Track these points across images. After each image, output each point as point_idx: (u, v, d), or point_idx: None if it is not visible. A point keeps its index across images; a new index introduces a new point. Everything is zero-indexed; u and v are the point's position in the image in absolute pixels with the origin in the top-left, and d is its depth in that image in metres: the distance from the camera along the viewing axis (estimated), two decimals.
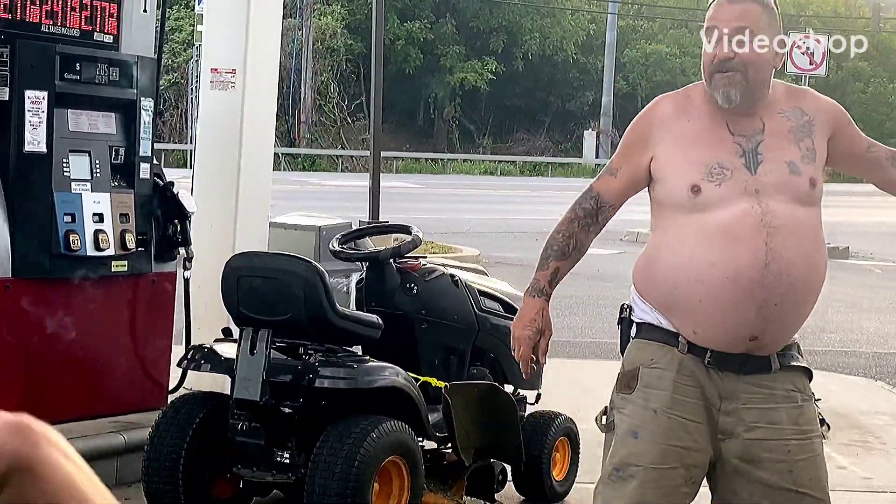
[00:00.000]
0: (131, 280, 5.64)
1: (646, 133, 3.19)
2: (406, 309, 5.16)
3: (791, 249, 3.02)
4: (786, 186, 3.06)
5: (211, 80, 6.32)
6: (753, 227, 3.01)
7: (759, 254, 3.00)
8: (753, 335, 3.05)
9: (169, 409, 4.82)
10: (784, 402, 3.11)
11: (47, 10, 5.44)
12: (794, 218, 3.04)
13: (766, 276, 3.00)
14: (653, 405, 3.09)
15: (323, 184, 31.19)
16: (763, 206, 3.03)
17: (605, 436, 3.24)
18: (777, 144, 3.10)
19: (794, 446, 3.10)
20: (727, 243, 3.02)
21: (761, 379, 3.10)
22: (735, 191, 3.04)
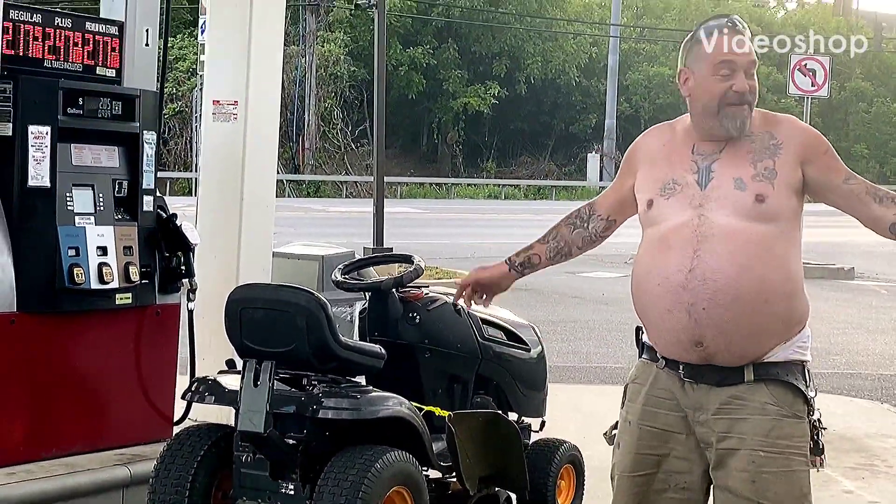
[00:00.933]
0: (135, 312, 5.66)
1: (633, 158, 3.52)
2: (409, 338, 5.17)
3: (720, 257, 3.16)
4: (727, 200, 3.22)
5: (213, 112, 6.35)
6: (686, 236, 3.21)
7: (685, 259, 3.19)
8: (697, 341, 3.21)
9: (174, 442, 4.83)
10: (756, 414, 3.23)
11: (50, 45, 5.48)
12: (729, 228, 3.18)
13: (690, 280, 3.17)
14: (629, 417, 3.39)
15: (328, 210, 31.26)
16: (701, 219, 3.22)
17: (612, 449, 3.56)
18: (730, 163, 3.26)
19: (759, 458, 3.20)
20: (662, 252, 3.25)
21: (734, 390, 3.25)
22: (681, 204, 3.27)
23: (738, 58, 3.24)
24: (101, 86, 5.61)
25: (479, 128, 48.20)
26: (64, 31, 5.53)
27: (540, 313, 12.85)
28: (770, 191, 3.22)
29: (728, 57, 3.23)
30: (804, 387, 3.28)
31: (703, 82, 3.26)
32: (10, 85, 5.22)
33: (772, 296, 3.19)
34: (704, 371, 3.26)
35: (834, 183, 3.32)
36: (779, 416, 3.22)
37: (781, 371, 3.25)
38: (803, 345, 3.32)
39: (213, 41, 6.53)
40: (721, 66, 3.23)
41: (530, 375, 5.56)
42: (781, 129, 3.32)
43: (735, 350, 3.22)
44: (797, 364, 3.30)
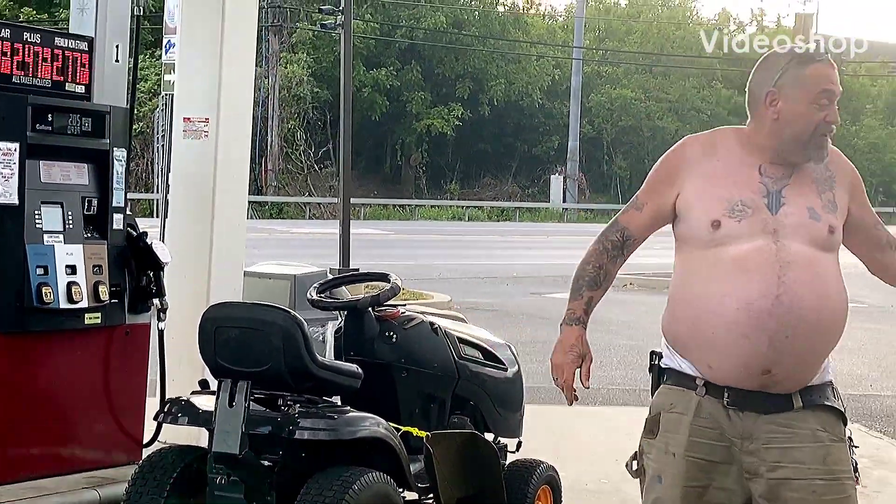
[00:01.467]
0: (105, 332, 5.57)
1: (674, 170, 3.31)
2: (385, 358, 5.11)
3: (803, 285, 3.11)
4: (804, 229, 3.18)
5: (184, 129, 6.27)
6: (766, 261, 3.12)
7: (770, 286, 3.09)
8: (766, 368, 3.12)
9: (145, 464, 4.73)
10: (809, 442, 3.17)
11: (19, 60, 5.39)
12: (807, 257, 3.15)
13: (777, 306, 3.09)
14: (672, 449, 3.20)
15: (291, 231, 31.13)
16: (779, 245, 3.14)
17: (639, 480, 3.35)
18: (800, 191, 3.22)
19: (819, 486, 3.14)
20: (740, 275, 3.12)
21: (782, 418, 3.17)
22: (754, 228, 3.16)
23: (836, 89, 3.22)
24: (70, 102, 5.53)
25: (442, 149, 48.24)
26: (33, 47, 5.45)
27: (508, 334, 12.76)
28: (836, 223, 3.24)
29: (830, 87, 3.22)
30: (844, 409, 3.26)
31: (799, 108, 3.21)
32: None
33: (841, 325, 3.21)
34: (752, 398, 3.17)
35: (867, 224, 3.36)
36: (829, 442, 3.19)
37: (822, 395, 3.23)
38: (829, 365, 3.30)
39: (184, 58, 6.46)
40: (822, 96, 3.20)
41: (507, 395, 5.50)
42: (833, 162, 3.32)
43: (799, 378, 3.19)
44: (829, 385, 3.27)
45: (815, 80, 3.21)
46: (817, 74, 3.21)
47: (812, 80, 3.21)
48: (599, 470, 7.10)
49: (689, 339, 3.21)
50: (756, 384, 3.15)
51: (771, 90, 3.23)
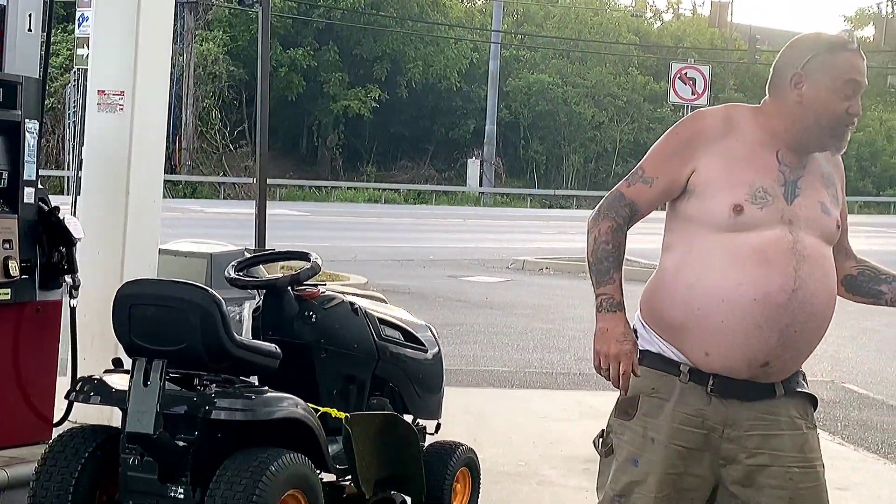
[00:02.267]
0: (14, 309, 5.42)
1: (688, 145, 3.19)
2: (305, 338, 5.03)
3: (817, 280, 3.11)
4: (816, 223, 3.16)
5: (98, 103, 6.12)
6: (784, 253, 3.09)
7: (788, 279, 3.07)
8: (766, 360, 3.11)
9: (56, 443, 4.61)
10: (788, 429, 3.18)
11: None
12: (820, 252, 3.15)
13: (793, 301, 3.08)
14: (651, 434, 3.16)
15: (205, 211, 30.81)
16: (795, 236, 3.11)
17: (601, 459, 3.30)
18: (812, 184, 3.20)
19: (796, 474, 3.16)
20: (759, 265, 3.07)
21: (764, 405, 3.17)
22: (773, 217, 3.12)
23: (862, 81, 3.17)
24: None
25: (359, 131, 48.02)
26: None
27: (425, 316, 12.67)
28: (839, 218, 3.27)
29: (857, 78, 3.16)
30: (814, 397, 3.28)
31: (825, 95, 3.14)
32: None
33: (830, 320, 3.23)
34: (738, 386, 3.14)
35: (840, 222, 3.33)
36: (806, 430, 3.22)
37: (798, 381, 3.24)
38: None
39: (99, 30, 6.30)
40: (848, 86, 3.14)
41: (427, 377, 5.45)
42: (829, 157, 3.30)
43: (789, 369, 3.20)
44: (802, 372, 3.28)
45: (843, 69, 3.13)
46: (846, 63, 3.14)
47: (840, 68, 3.13)
48: (517, 452, 7.11)
49: (688, 324, 3.13)
50: (748, 375, 3.13)
51: (798, 72, 3.16)
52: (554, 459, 7.00)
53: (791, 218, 3.13)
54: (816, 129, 3.16)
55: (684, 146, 3.18)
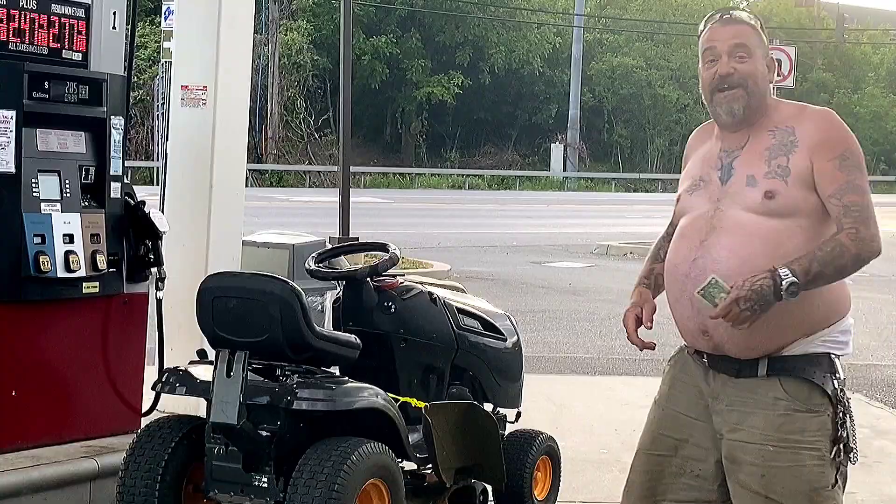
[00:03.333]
0: (103, 301, 5.54)
1: (686, 160, 3.55)
2: (384, 328, 5.08)
3: (723, 248, 3.20)
4: (740, 196, 3.25)
5: (182, 98, 6.22)
6: (698, 228, 3.27)
7: (691, 250, 3.26)
8: (702, 329, 3.26)
9: (144, 433, 4.72)
10: (766, 408, 3.24)
11: (14, 27, 5.34)
12: (739, 222, 3.21)
13: (692, 269, 3.23)
14: (657, 398, 3.50)
15: (291, 199, 31.08)
16: (716, 212, 3.26)
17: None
18: (748, 160, 3.28)
19: (769, 452, 3.21)
20: (676, 242, 3.35)
21: (750, 383, 3.26)
22: (702, 200, 3.32)
23: (718, 43, 3.25)
24: (67, 69, 5.48)
25: (442, 117, 48.10)
26: (29, 14, 5.39)
27: (507, 303, 12.79)
28: (782, 187, 3.20)
29: (708, 44, 3.28)
30: (823, 381, 3.24)
31: (701, 73, 3.33)
32: None
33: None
34: (722, 361, 3.30)
35: (823, 193, 3.22)
36: (790, 411, 3.22)
37: (798, 365, 3.24)
38: (833, 338, 3.28)
39: (181, 26, 6.41)
40: (707, 54, 3.28)
41: (506, 365, 5.48)
42: (805, 126, 3.27)
43: (739, 342, 3.22)
44: (821, 357, 3.25)
45: (702, 43, 3.31)
46: (705, 37, 3.30)
47: (701, 44, 3.31)
48: (599, 440, 7.11)
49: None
50: (707, 346, 3.30)
51: (698, 67, 3.37)
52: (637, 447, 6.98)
53: (720, 197, 3.28)
54: (708, 104, 3.33)
55: (685, 161, 3.55)
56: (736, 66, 3.24)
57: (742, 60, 3.25)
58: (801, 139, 3.24)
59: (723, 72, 3.24)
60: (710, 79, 3.27)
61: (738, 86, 3.25)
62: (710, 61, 3.26)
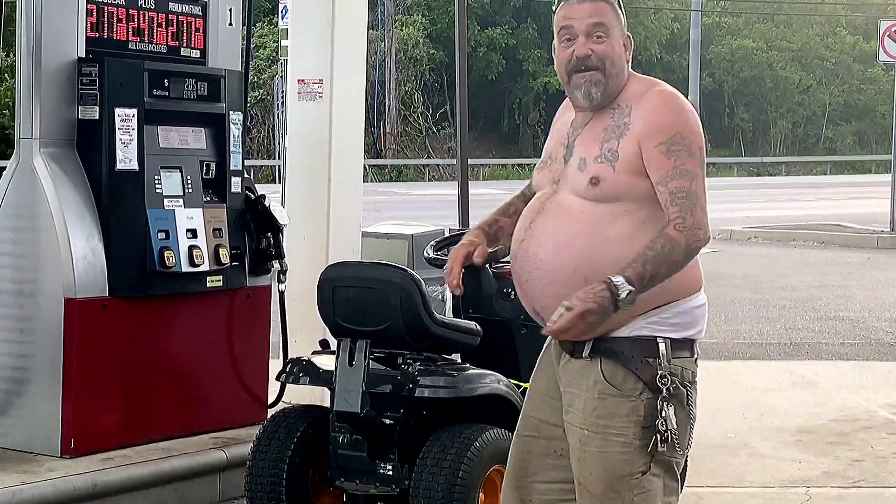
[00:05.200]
0: (227, 295, 5.62)
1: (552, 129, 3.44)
2: (504, 314, 5.05)
3: (545, 231, 3.17)
4: (571, 178, 3.18)
5: (298, 91, 6.28)
6: (533, 208, 3.24)
7: (520, 232, 3.25)
8: (534, 309, 3.26)
9: (269, 424, 4.77)
10: (587, 391, 3.16)
11: (134, 27, 5.45)
12: (564, 206, 3.16)
13: (520, 251, 3.23)
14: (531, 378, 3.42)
15: (410, 193, 31.22)
16: (552, 194, 3.22)
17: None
18: (585, 140, 3.20)
19: (584, 436, 3.14)
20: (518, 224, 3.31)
21: (577, 365, 3.19)
22: (546, 179, 3.27)
23: (575, 22, 3.16)
24: (185, 66, 5.57)
25: None
26: (148, 13, 5.50)
27: None
28: (608, 173, 3.12)
29: (564, 22, 3.18)
30: (639, 366, 3.11)
31: (557, 51, 3.23)
32: (96, 68, 5.20)
33: (594, 275, 3.05)
34: (562, 342, 3.22)
35: (652, 180, 3.11)
36: (603, 395, 3.12)
37: (619, 348, 3.12)
38: (663, 320, 3.14)
39: (297, 20, 6.47)
40: (563, 33, 3.19)
41: None
42: (640, 108, 3.16)
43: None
44: (645, 340, 3.12)
45: (557, 22, 3.22)
46: (559, 16, 3.21)
47: (556, 23, 3.22)
48: (726, 424, 6.99)
49: None
50: (539, 321, 3.22)
51: (553, 44, 3.28)
52: (764, 431, 6.86)
53: (560, 177, 3.22)
54: (564, 84, 3.23)
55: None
56: (594, 46, 3.14)
57: (600, 40, 3.15)
58: (633, 123, 3.14)
59: (580, 53, 3.15)
60: (567, 59, 3.17)
61: (596, 68, 3.14)
62: (567, 40, 3.17)
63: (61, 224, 5.11)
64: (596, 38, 3.14)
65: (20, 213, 5.21)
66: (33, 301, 5.18)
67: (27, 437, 5.18)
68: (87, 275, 5.12)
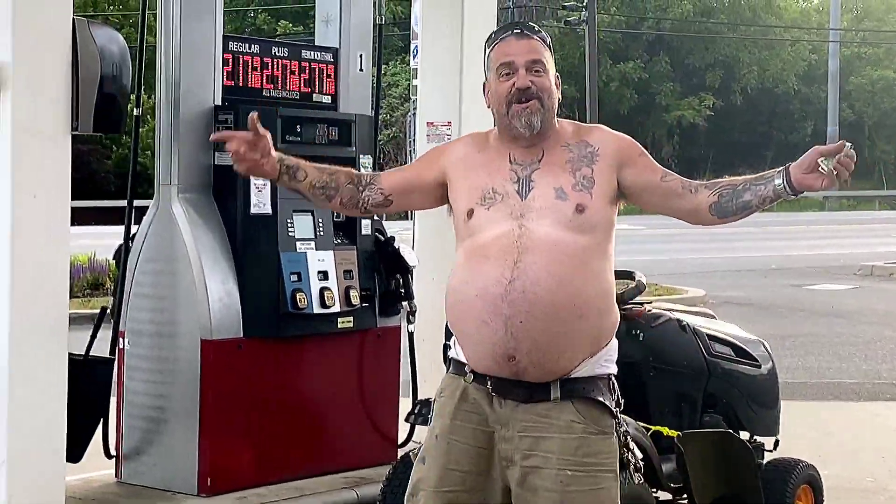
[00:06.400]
0: (357, 336, 5.69)
1: (439, 156, 3.43)
2: (633, 356, 5.03)
3: (540, 269, 3.13)
4: (549, 210, 3.20)
5: (427, 134, 6.36)
6: (506, 246, 3.17)
7: (505, 271, 3.14)
8: (510, 354, 3.15)
9: (399, 464, 4.82)
10: (562, 433, 3.16)
11: (268, 74, 5.58)
12: (551, 240, 3.16)
13: (510, 291, 3.12)
14: (436, 432, 3.31)
15: None
16: (522, 229, 3.18)
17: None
18: (551, 172, 3.25)
19: (567, 476, 3.14)
20: (480, 262, 3.19)
21: (541, 408, 3.18)
22: (502, 214, 3.22)
23: (516, 57, 3.25)
24: (317, 112, 5.68)
25: (694, 140, 47.49)
26: (281, 60, 5.63)
27: (765, 328, 12.48)
28: (589, 200, 3.22)
29: (505, 58, 3.26)
30: (611, 402, 3.23)
31: (493, 87, 3.29)
32: (232, 115, 5.33)
33: (586, 311, 3.16)
34: (512, 387, 3.19)
35: (653, 182, 3.32)
36: (585, 434, 3.17)
37: (587, 387, 3.20)
38: (610, 358, 3.27)
39: (425, 64, 6.55)
40: (502, 68, 3.27)
41: (761, 392, 5.34)
42: (594, 138, 3.33)
43: (546, 366, 3.17)
44: (603, 378, 3.24)
45: (496, 59, 3.28)
46: (497, 53, 3.28)
47: (495, 59, 3.28)
48: (865, 468, 6.83)
49: (454, 328, 3.30)
50: (508, 372, 3.16)
51: (484, 82, 3.35)
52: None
53: (523, 212, 3.20)
54: (501, 118, 3.27)
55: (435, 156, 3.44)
56: (533, 79, 3.24)
57: (538, 75, 3.26)
58: (601, 149, 3.29)
59: (521, 84, 3.23)
60: (507, 91, 3.24)
61: (536, 98, 3.24)
62: (506, 75, 3.25)
63: (198, 267, 5.24)
64: (534, 72, 3.26)
65: (159, 256, 5.36)
66: (172, 342, 5.31)
67: (165, 475, 5.30)
68: (223, 316, 5.24)
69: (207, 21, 5.37)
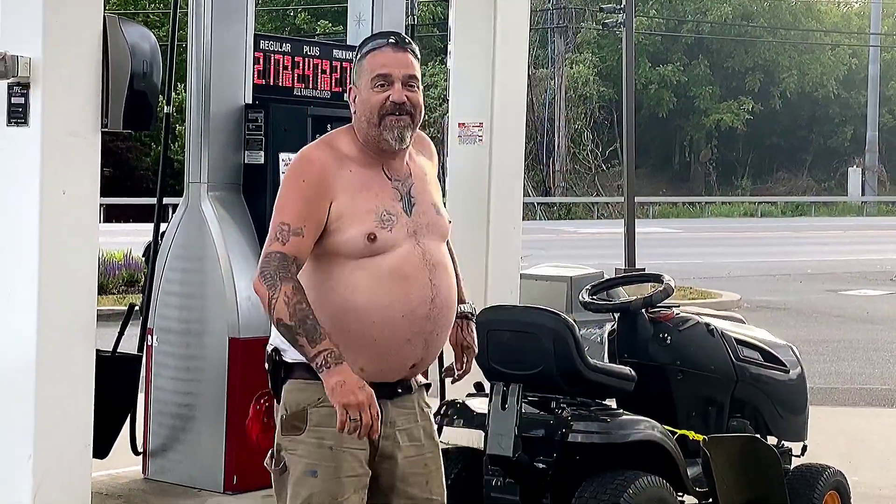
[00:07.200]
0: None
1: (323, 182, 3.26)
2: (660, 360, 5.02)
3: (445, 285, 3.30)
4: (434, 226, 3.33)
5: (459, 135, 6.35)
6: (417, 266, 3.26)
7: (426, 290, 3.25)
8: (414, 364, 3.30)
9: None
10: (422, 419, 3.37)
11: (299, 74, 5.59)
12: (442, 255, 3.32)
13: (433, 310, 3.27)
14: (328, 443, 3.23)
15: (578, 231, 31.16)
16: (422, 246, 3.28)
17: (274, 478, 3.35)
18: (422, 187, 3.36)
19: (429, 458, 3.37)
20: (400, 283, 3.23)
21: (406, 400, 3.34)
22: (401, 234, 3.27)
23: (393, 70, 3.28)
24: (347, 111, 5.60)
25: (732, 144, 47.22)
26: (312, 60, 5.64)
27: (800, 333, 12.41)
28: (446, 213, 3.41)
29: (382, 70, 3.28)
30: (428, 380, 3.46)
31: (364, 96, 3.29)
32: (262, 114, 5.35)
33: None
34: (387, 388, 3.28)
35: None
36: (430, 415, 3.43)
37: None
38: None
39: (458, 65, 6.54)
40: (378, 80, 3.28)
41: (789, 398, 5.31)
42: (427, 150, 3.46)
43: (429, 365, 3.39)
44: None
45: (369, 69, 3.28)
46: (374, 62, 3.28)
47: (367, 68, 3.29)
48: (895, 475, 6.77)
49: (343, 344, 3.17)
50: (400, 377, 3.29)
51: (350, 87, 3.37)
52: None
53: (415, 229, 3.28)
54: (371, 127, 3.26)
55: (321, 186, 3.24)
56: (409, 94, 3.28)
57: (412, 90, 3.30)
58: (432, 162, 3.46)
59: (397, 99, 3.26)
60: (382, 102, 3.25)
61: (409, 113, 3.28)
62: (381, 86, 3.26)
63: (227, 265, 5.26)
64: (409, 87, 3.29)
65: (188, 254, 5.38)
66: (199, 340, 5.33)
67: (191, 472, 5.32)
68: (251, 314, 5.25)
69: (239, 20, 5.39)
